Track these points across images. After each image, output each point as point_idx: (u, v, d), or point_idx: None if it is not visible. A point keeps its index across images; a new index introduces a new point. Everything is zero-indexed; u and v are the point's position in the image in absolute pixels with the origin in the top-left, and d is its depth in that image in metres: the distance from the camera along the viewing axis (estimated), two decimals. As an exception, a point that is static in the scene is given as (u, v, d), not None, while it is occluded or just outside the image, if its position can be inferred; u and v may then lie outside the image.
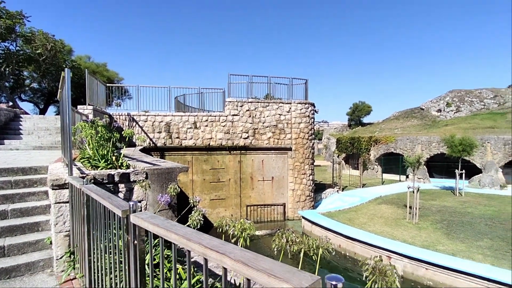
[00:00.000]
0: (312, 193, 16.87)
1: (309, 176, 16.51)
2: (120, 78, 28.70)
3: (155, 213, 4.70)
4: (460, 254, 10.09)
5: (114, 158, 5.01)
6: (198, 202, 3.62)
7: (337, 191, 19.95)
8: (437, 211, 14.89)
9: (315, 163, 17.92)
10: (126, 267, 1.90)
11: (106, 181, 4.18)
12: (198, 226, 3.22)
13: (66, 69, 3.82)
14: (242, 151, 15.82)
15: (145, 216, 1.75)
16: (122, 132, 5.26)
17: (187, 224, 3.31)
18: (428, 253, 10.09)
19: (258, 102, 16.08)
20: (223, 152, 15.60)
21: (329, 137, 37.83)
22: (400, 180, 24.78)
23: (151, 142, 14.43)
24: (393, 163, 25.99)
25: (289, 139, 16.29)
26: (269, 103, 16.18)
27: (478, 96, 33.47)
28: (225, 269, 1.24)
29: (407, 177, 24.46)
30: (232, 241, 2.38)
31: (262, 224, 15.53)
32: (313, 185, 16.97)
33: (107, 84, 14.68)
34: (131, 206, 1.80)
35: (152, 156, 12.20)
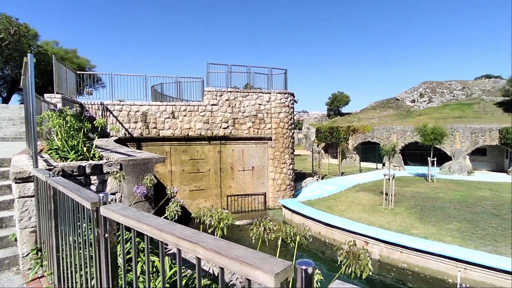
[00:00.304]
0: (293, 182, 17.08)
1: (289, 165, 16.67)
2: (92, 66, 27.42)
3: (130, 205, 4.55)
4: (432, 236, 10.61)
5: (85, 149, 4.76)
6: (176, 193, 3.51)
7: (317, 179, 20.33)
8: (411, 197, 15.50)
9: (295, 153, 18.10)
10: (97, 263, 1.80)
11: (77, 173, 3.97)
12: (176, 218, 3.13)
13: (28, 54, 3.52)
14: (222, 141, 15.68)
15: (116, 208, 1.65)
16: (94, 122, 5.01)
17: (164, 215, 3.21)
18: (403, 237, 10.53)
19: (237, 91, 15.90)
20: (202, 142, 15.39)
21: (309, 127, 38.29)
22: (377, 168, 25.55)
23: (126, 133, 13.96)
24: (370, 152, 26.73)
25: (269, 129, 16.30)
26: (248, 92, 16.04)
27: (448, 87, 34.93)
28: (198, 259, 1.19)
29: (384, 165, 25.26)
30: (209, 231, 2.33)
31: (243, 214, 15.58)
32: (293, 174, 17.17)
33: (78, 72, 13.96)
34: (101, 198, 1.70)
35: (128, 147, 11.82)
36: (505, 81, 31.26)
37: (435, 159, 19.42)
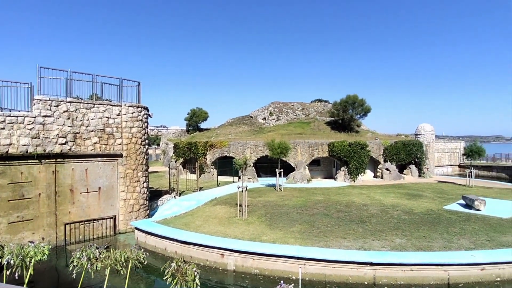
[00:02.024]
0: (147, 201, 16.10)
1: (143, 183, 15.68)
2: None
3: None
4: (279, 240, 11.75)
5: None
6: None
7: (174, 196, 19.93)
8: (263, 206, 16.94)
9: (152, 170, 17.24)
10: None
11: None
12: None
13: None
14: (58, 160, 13.17)
15: None
16: None
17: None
18: (254, 245, 11.27)
19: (80, 102, 13.88)
20: (29, 161, 12.47)
21: (168, 142, 37.33)
22: (233, 181, 27.27)
23: None
24: (227, 166, 28.44)
25: (120, 144, 14.91)
26: (94, 104, 14.25)
27: (292, 108, 41.93)
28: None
29: (239, 178, 27.34)
30: (8, 272, 1.91)
31: (86, 243, 13.38)
32: (148, 192, 16.21)
33: None
34: None
35: None
36: (331, 105, 40.08)
37: (282, 170, 22.48)
